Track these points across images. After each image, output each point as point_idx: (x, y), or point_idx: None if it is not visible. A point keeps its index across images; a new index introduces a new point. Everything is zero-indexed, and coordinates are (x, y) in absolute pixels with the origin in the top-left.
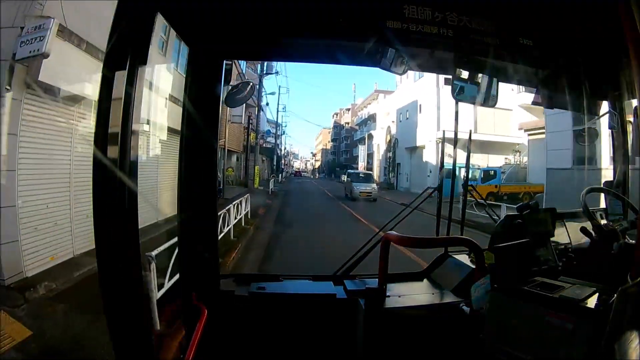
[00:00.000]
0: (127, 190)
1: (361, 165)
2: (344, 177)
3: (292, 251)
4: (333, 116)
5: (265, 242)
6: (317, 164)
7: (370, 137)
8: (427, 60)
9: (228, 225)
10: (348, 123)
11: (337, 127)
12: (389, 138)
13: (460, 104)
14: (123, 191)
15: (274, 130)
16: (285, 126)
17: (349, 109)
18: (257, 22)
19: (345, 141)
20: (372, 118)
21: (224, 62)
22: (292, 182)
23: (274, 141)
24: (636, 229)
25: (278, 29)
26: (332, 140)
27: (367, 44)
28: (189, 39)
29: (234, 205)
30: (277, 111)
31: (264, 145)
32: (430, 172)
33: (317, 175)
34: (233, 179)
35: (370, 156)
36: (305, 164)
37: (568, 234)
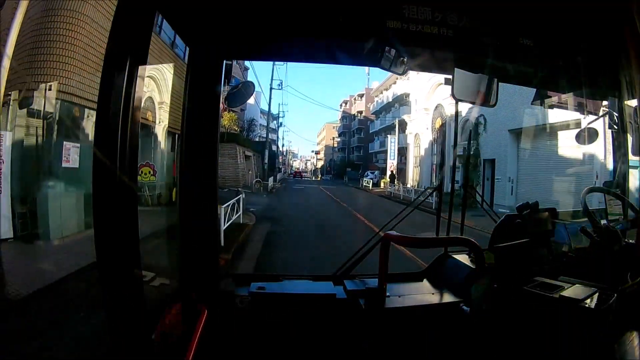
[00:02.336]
0: (128, 189)
1: (390, 163)
2: (364, 182)
3: None
4: (341, 105)
5: None
6: (320, 164)
7: (403, 124)
8: (427, 60)
9: None
10: (361, 112)
11: (347, 118)
12: (440, 122)
13: None
14: (123, 190)
15: (264, 122)
16: (283, 116)
17: (362, 95)
18: (257, 22)
19: (357, 134)
20: (399, 100)
21: (224, 62)
22: (290, 190)
23: (264, 133)
24: (636, 229)
25: (278, 29)
26: (340, 135)
27: (367, 44)
28: (189, 39)
29: None
30: (271, 89)
31: (258, 138)
32: (598, 176)
33: (320, 176)
34: (162, 192)
35: (401, 151)
36: (306, 164)
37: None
